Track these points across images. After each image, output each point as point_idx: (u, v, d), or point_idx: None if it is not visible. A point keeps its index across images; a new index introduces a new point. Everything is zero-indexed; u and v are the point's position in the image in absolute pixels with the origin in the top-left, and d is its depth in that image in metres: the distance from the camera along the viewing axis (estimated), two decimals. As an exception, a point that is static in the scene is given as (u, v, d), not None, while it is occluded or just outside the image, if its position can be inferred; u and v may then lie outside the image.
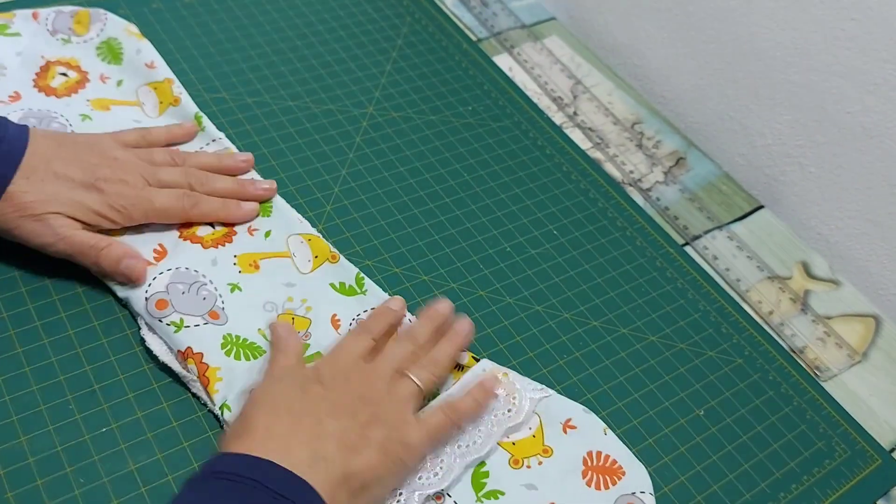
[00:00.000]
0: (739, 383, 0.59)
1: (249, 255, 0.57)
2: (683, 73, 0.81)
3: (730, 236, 0.70)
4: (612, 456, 0.51)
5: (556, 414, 0.52)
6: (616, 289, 0.63)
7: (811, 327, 0.65)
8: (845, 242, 0.72)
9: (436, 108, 0.73)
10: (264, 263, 0.57)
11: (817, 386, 0.61)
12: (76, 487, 0.46)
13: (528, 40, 0.83)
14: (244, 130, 0.66)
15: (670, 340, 0.61)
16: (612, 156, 0.74)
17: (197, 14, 0.75)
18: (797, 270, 0.69)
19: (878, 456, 0.58)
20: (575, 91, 0.79)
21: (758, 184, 0.77)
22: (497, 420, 0.51)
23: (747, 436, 0.56)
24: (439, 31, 0.81)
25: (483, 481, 0.49)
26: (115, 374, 0.50)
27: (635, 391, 0.57)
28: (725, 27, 0.75)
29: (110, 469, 0.47)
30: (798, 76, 0.71)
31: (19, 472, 0.46)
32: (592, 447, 0.51)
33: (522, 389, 0.52)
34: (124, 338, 0.52)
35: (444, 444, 0.49)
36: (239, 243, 0.57)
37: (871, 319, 0.67)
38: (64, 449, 0.47)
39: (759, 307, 0.65)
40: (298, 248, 0.58)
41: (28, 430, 0.47)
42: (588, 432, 0.52)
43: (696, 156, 0.76)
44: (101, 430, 0.48)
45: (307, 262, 0.57)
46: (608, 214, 0.68)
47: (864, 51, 0.65)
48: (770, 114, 0.74)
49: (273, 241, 0.58)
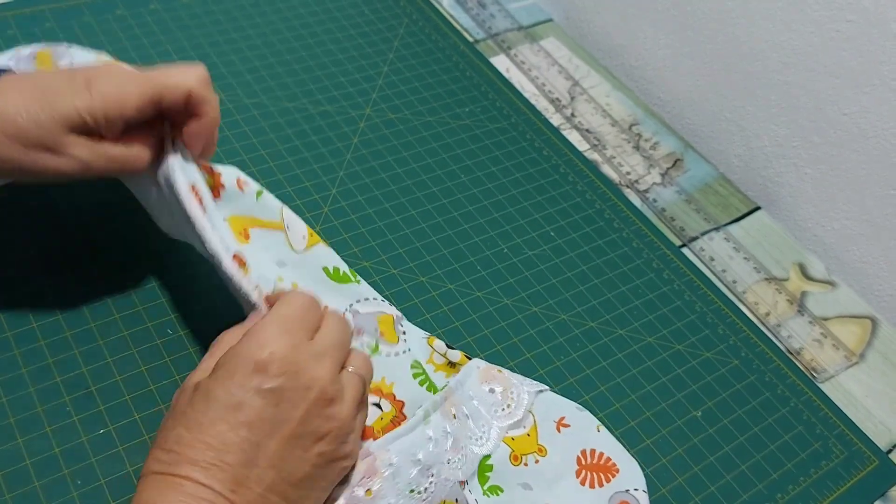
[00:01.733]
0: (736, 385, 0.59)
1: (240, 220, 0.51)
2: (681, 75, 0.81)
3: (726, 238, 0.70)
4: (605, 453, 0.51)
5: (550, 412, 0.52)
6: (613, 290, 0.63)
7: (808, 329, 0.65)
8: (842, 244, 0.72)
9: (433, 110, 0.73)
10: (255, 233, 0.51)
11: (814, 387, 0.61)
12: (73, 489, 0.46)
13: (526, 42, 0.83)
14: (241, 132, 0.66)
15: (667, 342, 0.61)
16: (610, 157, 0.74)
17: (195, 15, 0.75)
18: (794, 272, 0.69)
19: (875, 457, 0.58)
20: (572, 92, 0.79)
21: (754, 185, 0.77)
22: (497, 416, 0.51)
23: (744, 437, 0.57)
24: (436, 32, 0.81)
25: (487, 475, 0.49)
26: (111, 376, 0.50)
27: (632, 392, 0.57)
28: (723, 29, 0.75)
29: (108, 471, 0.47)
30: (795, 77, 0.71)
31: (17, 474, 0.45)
32: (586, 445, 0.51)
33: (519, 384, 0.53)
34: (121, 339, 0.52)
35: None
36: (227, 201, 0.51)
37: (867, 321, 0.67)
38: (61, 451, 0.47)
39: (756, 308, 0.65)
40: (293, 222, 0.53)
41: (25, 431, 0.47)
42: (581, 430, 0.52)
43: (693, 157, 0.76)
44: (99, 432, 0.48)
45: (301, 240, 0.53)
46: (605, 216, 0.68)
47: (861, 52, 0.65)
48: (767, 115, 0.74)
49: (264, 205, 0.52)
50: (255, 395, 0.40)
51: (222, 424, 0.40)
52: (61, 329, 0.52)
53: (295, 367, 0.42)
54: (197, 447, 0.39)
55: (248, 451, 0.40)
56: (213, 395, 0.40)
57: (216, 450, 0.39)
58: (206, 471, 0.39)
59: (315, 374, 0.42)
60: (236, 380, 0.41)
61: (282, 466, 0.41)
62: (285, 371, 0.41)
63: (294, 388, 0.41)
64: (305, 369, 0.42)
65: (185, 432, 0.40)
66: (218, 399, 0.40)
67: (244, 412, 0.40)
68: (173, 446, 0.39)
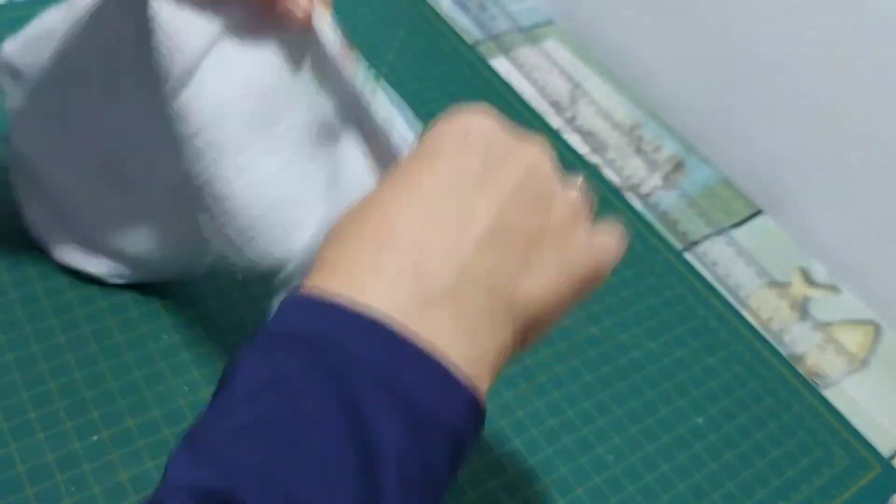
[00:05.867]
0: (738, 391, 0.59)
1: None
2: (683, 77, 0.80)
3: (729, 242, 0.69)
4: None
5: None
6: (614, 295, 0.62)
7: (810, 334, 0.64)
8: (845, 248, 0.71)
9: (432, 112, 0.72)
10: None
11: (816, 393, 0.60)
12: (67, 496, 0.45)
13: (526, 44, 0.83)
14: (239, 134, 0.66)
15: (669, 347, 0.60)
16: (611, 160, 0.74)
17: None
18: (796, 277, 0.68)
19: (878, 463, 0.57)
20: (573, 95, 0.79)
21: (757, 189, 0.77)
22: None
23: (746, 443, 0.56)
24: (436, 34, 0.80)
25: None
26: (105, 382, 0.50)
27: (633, 398, 0.57)
28: (725, 31, 0.75)
29: (101, 478, 0.46)
30: (798, 81, 0.70)
31: (10, 481, 0.45)
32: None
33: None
34: (115, 345, 0.52)
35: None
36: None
37: (870, 326, 0.66)
38: (55, 458, 0.46)
39: (759, 313, 0.65)
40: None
41: (18, 437, 0.47)
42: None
43: (695, 161, 0.76)
44: (92, 439, 0.47)
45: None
46: (606, 219, 0.67)
47: (865, 56, 0.65)
48: (770, 118, 0.74)
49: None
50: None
51: None
52: (54, 334, 0.51)
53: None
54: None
55: None
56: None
57: None
58: None
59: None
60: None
61: None
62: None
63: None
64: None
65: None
66: None
67: None
68: None
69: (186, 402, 0.50)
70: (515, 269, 0.31)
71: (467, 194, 0.31)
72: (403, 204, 0.31)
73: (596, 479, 0.52)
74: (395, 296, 0.29)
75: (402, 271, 0.29)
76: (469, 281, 0.30)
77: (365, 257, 0.30)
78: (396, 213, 0.31)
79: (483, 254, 0.30)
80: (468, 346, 0.29)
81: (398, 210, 0.31)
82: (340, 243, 0.31)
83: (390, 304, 0.28)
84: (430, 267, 0.29)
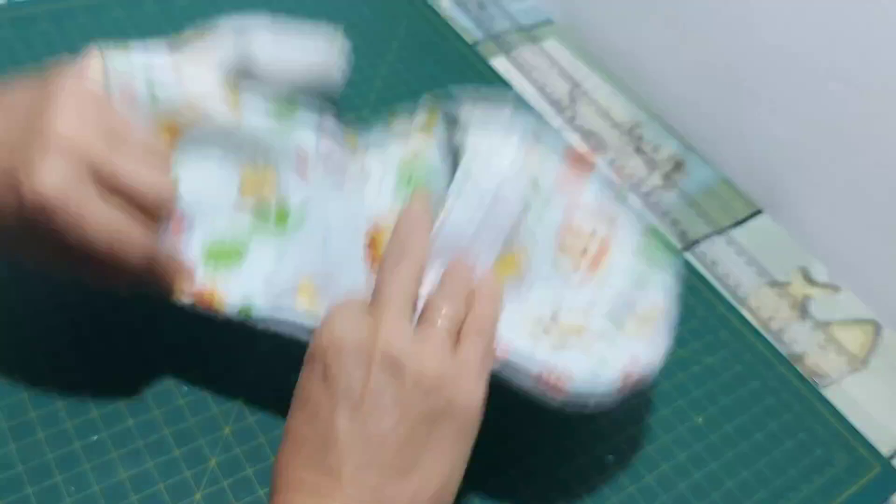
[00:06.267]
0: (738, 390, 0.59)
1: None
2: (683, 77, 0.80)
3: (729, 242, 0.69)
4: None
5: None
6: (614, 294, 0.62)
7: (810, 334, 0.64)
8: (845, 247, 0.71)
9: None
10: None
11: (816, 393, 0.60)
12: (67, 496, 0.45)
13: (526, 43, 0.83)
14: (239, 134, 0.66)
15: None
16: (611, 160, 0.74)
17: (192, 17, 0.74)
18: (796, 276, 0.68)
19: (878, 463, 0.57)
20: (573, 95, 0.79)
21: (757, 188, 0.77)
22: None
23: (746, 443, 0.56)
24: (435, 33, 0.80)
25: None
26: (105, 380, 0.50)
27: (633, 398, 0.56)
28: (725, 31, 0.75)
29: (101, 478, 0.46)
30: (797, 80, 0.70)
31: (10, 481, 0.45)
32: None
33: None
34: (114, 345, 0.52)
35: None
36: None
37: (870, 326, 0.66)
38: (55, 458, 0.46)
39: (759, 313, 0.65)
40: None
41: (18, 438, 0.47)
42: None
43: (695, 160, 0.76)
44: (92, 439, 0.47)
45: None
46: (606, 219, 0.67)
47: (865, 55, 0.65)
48: (769, 118, 0.74)
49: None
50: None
51: None
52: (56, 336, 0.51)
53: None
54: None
55: None
56: None
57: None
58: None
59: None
60: None
61: None
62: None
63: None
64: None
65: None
66: None
67: None
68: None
69: (186, 402, 0.50)
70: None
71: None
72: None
73: (596, 478, 0.52)
74: None
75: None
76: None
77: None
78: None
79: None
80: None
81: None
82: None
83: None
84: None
